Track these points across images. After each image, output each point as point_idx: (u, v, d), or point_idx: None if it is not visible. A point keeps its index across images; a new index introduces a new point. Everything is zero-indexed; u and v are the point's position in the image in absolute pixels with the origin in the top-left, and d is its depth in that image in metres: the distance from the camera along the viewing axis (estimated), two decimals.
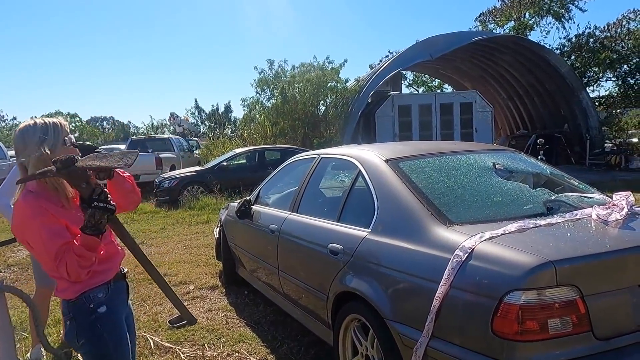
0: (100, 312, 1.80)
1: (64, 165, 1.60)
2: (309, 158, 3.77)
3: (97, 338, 1.79)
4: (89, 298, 1.78)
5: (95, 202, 1.61)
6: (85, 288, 1.77)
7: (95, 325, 1.79)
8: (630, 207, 2.34)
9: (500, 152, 3.22)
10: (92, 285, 1.79)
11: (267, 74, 17.72)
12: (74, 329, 1.79)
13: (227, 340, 3.65)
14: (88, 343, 1.79)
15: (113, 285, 1.87)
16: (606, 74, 25.42)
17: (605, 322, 1.88)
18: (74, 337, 1.80)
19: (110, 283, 1.86)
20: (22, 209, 1.69)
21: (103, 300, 1.81)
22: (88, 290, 1.78)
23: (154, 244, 7.41)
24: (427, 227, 2.27)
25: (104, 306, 1.81)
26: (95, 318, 1.79)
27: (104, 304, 1.81)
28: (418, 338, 2.09)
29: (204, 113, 34.75)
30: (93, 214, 1.61)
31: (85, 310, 1.78)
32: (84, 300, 1.78)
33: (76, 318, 1.79)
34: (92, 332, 1.79)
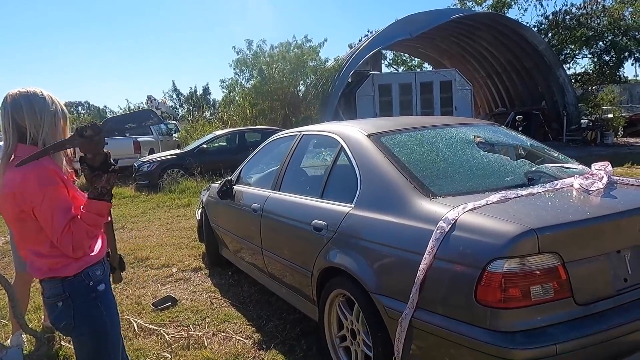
0: (100, 289, 1.75)
1: (95, 131, 1.59)
2: (291, 136, 3.73)
3: (97, 317, 1.74)
4: (88, 275, 1.72)
5: (112, 165, 1.64)
6: (87, 264, 1.72)
7: (96, 303, 1.74)
8: (609, 176, 2.38)
9: (481, 125, 3.23)
10: (92, 261, 1.74)
11: (245, 54, 17.44)
12: (70, 309, 1.71)
13: (212, 320, 3.64)
14: (86, 323, 1.73)
15: (105, 263, 1.84)
16: (582, 51, 25.77)
17: (585, 287, 1.92)
18: (70, 318, 1.72)
19: (104, 260, 1.83)
20: (34, 174, 1.59)
21: (102, 278, 1.77)
22: (87, 267, 1.72)
23: (134, 227, 7.31)
24: (410, 200, 2.27)
25: (102, 284, 1.77)
26: (95, 296, 1.74)
27: (102, 282, 1.77)
28: (403, 310, 2.10)
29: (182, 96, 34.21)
30: (109, 178, 1.63)
31: (85, 288, 1.72)
32: (82, 277, 1.71)
33: (74, 297, 1.71)
34: (93, 311, 1.74)
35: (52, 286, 1.73)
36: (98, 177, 1.64)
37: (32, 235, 1.67)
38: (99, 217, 1.66)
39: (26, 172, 1.60)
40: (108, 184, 1.64)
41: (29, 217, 1.63)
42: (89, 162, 1.65)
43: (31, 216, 1.63)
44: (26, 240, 1.72)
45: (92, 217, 1.64)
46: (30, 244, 1.71)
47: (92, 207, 1.65)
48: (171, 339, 3.32)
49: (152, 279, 4.72)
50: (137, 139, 13.90)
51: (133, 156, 13.04)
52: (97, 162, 1.64)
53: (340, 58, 18.33)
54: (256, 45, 17.47)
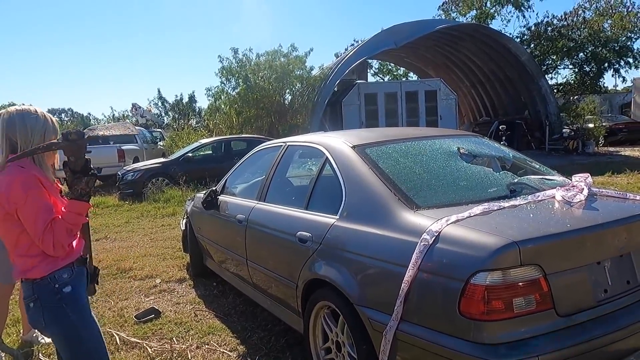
0: (66, 291, 1.85)
1: (79, 136, 1.80)
2: (276, 146, 3.72)
3: (63, 318, 1.84)
4: (54, 278, 1.84)
5: (91, 170, 1.83)
6: (53, 268, 1.84)
7: (60, 304, 1.84)
8: (589, 188, 2.42)
9: (464, 137, 3.27)
10: (59, 265, 1.86)
11: (231, 62, 17.41)
12: (40, 309, 1.84)
13: (196, 332, 3.59)
14: (54, 323, 1.85)
15: (76, 267, 1.93)
16: (563, 62, 26.28)
17: (566, 299, 1.94)
18: (40, 317, 1.84)
19: (74, 265, 1.92)
20: (20, 179, 1.76)
21: (68, 281, 1.87)
22: (54, 271, 1.84)
23: (117, 237, 7.21)
24: (394, 212, 2.28)
25: (69, 286, 1.86)
26: (60, 298, 1.84)
27: (69, 284, 1.86)
28: (387, 322, 2.10)
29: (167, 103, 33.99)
30: (88, 181, 1.81)
31: (51, 290, 1.83)
32: (49, 280, 1.83)
33: (41, 298, 1.83)
34: (58, 312, 1.84)
35: (26, 287, 1.88)
36: (79, 180, 1.81)
37: (14, 237, 1.82)
38: (78, 216, 1.81)
39: (13, 177, 1.77)
40: (87, 186, 1.81)
41: (12, 218, 1.77)
42: (71, 166, 1.82)
43: (14, 218, 1.77)
44: (10, 244, 1.86)
45: (72, 216, 1.79)
46: (13, 246, 1.85)
47: (72, 207, 1.80)
48: (154, 352, 3.27)
49: (136, 291, 4.65)
50: (121, 147, 13.75)
51: (117, 165, 12.90)
52: (79, 166, 1.82)
53: (326, 67, 18.41)
54: (242, 53, 17.48)
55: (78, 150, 1.81)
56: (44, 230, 1.73)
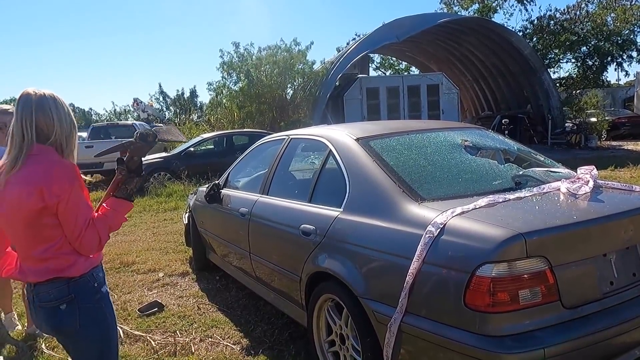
0: (104, 291, 1.77)
1: (154, 138, 1.82)
2: (279, 139, 3.71)
3: (102, 320, 1.75)
4: (93, 277, 1.73)
5: (142, 171, 1.83)
6: (92, 265, 1.73)
7: (100, 305, 1.74)
8: (594, 180, 2.40)
9: (468, 129, 3.25)
10: (96, 262, 1.76)
11: (232, 57, 17.37)
12: (76, 310, 1.68)
13: (199, 325, 3.60)
14: (93, 325, 1.72)
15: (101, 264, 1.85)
16: (566, 56, 26.16)
17: (572, 291, 1.93)
18: (75, 319, 1.69)
19: (100, 263, 1.84)
20: (69, 169, 1.63)
21: (103, 280, 1.79)
22: (92, 268, 1.73)
23: (120, 232, 7.20)
24: (399, 204, 2.27)
25: (105, 285, 1.79)
26: (99, 297, 1.74)
27: (104, 284, 1.79)
28: (392, 314, 2.09)
29: (168, 98, 33.89)
30: (138, 181, 1.80)
31: (91, 290, 1.72)
32: (88, 278, 1.71)
33: (79, 298, 1.69)
34: (98, 313, 1.74)
35: (54, 288, 1.68)
36: (130, 180, 1.79)
37: (40, 236, 1.63)
38: (122, 215, 1.77)
39: (52, 167, 1.61)
40: (136, 187, 1.81)
41: (49, 214, 1.60)
42: (128, 164, 1.80)
43: (51, 213, 1.60)
44: (32, 243, 1.65)
45: (117, 214, 1.75)
46: (36, 246, 1.65)
47: (118, 205, 1.76)
48: (157, 345, 3.27)
49: (138, 284, 4.66)
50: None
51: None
52: (134, 165, 1.81)
53: (327, 61, 18.36)
54: (243, 48, 17.44)
55: (145, 151, 1.84)
56: (86, 228, 1.63)
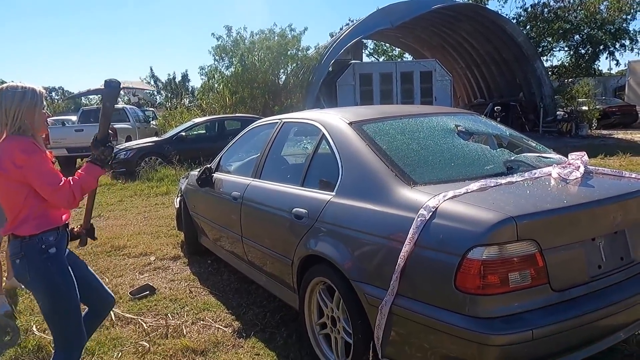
0: (51, 252, 2.05)
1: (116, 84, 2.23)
2: (272, 123, 3.69)
3: (48, 276, 2.05)
4: (41, 239, 2.04)
5: (109, 142, 2.15)
6: (41, 229, 2.03)
7: (46, 264, 2.04)
8: (585, 166, 2.42)
9: (461, 114, 3.25)
10: (47, 227, 2.05)
11: (225, 41, 17.18)
12: (26, 266, 2.04)
13: (191, 309, 3.61)
14: (39, 280, 2.05)
15: (62, 231, 2.13)
16: (559, 44, 26.21)
17: (561, 274, 1.96)
18: (26, 273, 2.05)
19: (59, 229, 2.11)
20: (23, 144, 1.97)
21: (53, 243, 2.07)
22: (42, 233, 2.03)
23: (111, 216, 7.19)
24: (391, 188, 2.28)
25: (54, 248, 2.06)
26: (46, 257, 2.04)
27: (54, 246, 2.06)
28: (383, 297, 2.11)
29: (160, 82, 33.53)
30: (104, 150, 2.13)
31: (38, 250, 2.03)
32: (36, 240, 2.03)
33: (27, 256, 2.03)
34: (44, 270, 2.04)
35: (13, 245, 2.06)
36: (96, 148, 2.13)
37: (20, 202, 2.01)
38: (91, 177, 2.10)
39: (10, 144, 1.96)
40: (102, 154, 2.13)
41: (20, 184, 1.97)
42: (97, 135, 2.16)
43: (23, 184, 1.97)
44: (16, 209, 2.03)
45: (85, 177, 2.08)
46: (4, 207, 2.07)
47: (87, 169, 2.10)
48: (149, 327, 3.28)
49: (130, 268, 4.65)
50: (113, 125, 13.58)
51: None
52: (100, 136, 2.16)
53: (321, 46, 18.22)
54: (236, 32, 17.25)
55: (114, 97, 2.26)
56: (55, 188, 1.98)
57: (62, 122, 15.17)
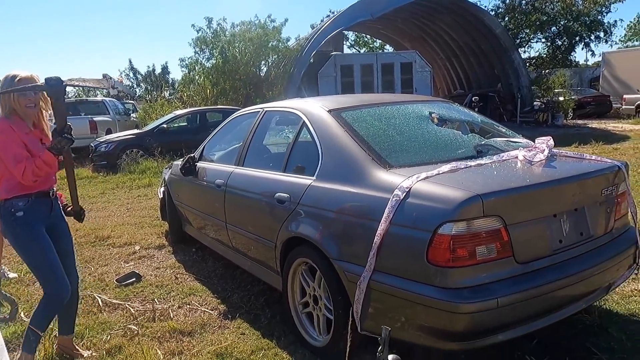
0: (18, 215, 2.44)
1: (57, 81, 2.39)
2: (253, 112, 3.78)
3: (17, 234, 2.48)
4: (11, 204, 2.44)
5: (65, 133, 2.38)
6: (11, 194, 2.43)
7: (14, 225, 2.45)
8: (550, 149, 2.58)
9: (436, 102, 3.39)
10: (16, 194, 2.43)
11: (205, 33, 17.08)
12: (3, 224, 2.49)
13: (177, 294, 3.70)
14: (10, 237, 2.51)
15: (34, 198, 2.47)
16: (537, 35, 26.66)
17: (525, 248, 2.12)
18: (3, 230, 2.52)
19: (31, 196, 2.46)
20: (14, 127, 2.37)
21: (21, 208, 2.44)
22: (12, 198, 2.43)
23: (94, 208, 7.19)
24: (368, 171, 2.40)
25: (21, 212, 2.44)
26: (14, 220, 2.44)
27: (21, 211, 2.44)
28: (361, 273, 2.24)
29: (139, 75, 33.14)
30: (60, 140, 2.38)
31: (8, 212, 2.45)
32: (7, 204, 2.45)
33: (2, 216, 2.47)
34: (13, 229, 2.47)
35: None
36: (54, 137, 2.42)
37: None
38: (44, 162, 2.38)
39: None
40: (58, 143, 2.39)
41: None
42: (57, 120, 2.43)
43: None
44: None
45: (39, 161, 2.36)
46: None
47: (43, 154, 2.39)
48: (137, 312, 3.37)
49: (115, 257, 4.71)
50: (93, 118, 13.48)
51: (89, 136, 12.67)
52: (58, 127, 2.41)
53: (302, 38, 18.25)
54: (216, 23, 17.16)
55: (56, 93, 2.41)
56: (15, 164, 2.32)
57: None
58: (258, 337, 2.95)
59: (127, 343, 2.91)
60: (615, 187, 2.50)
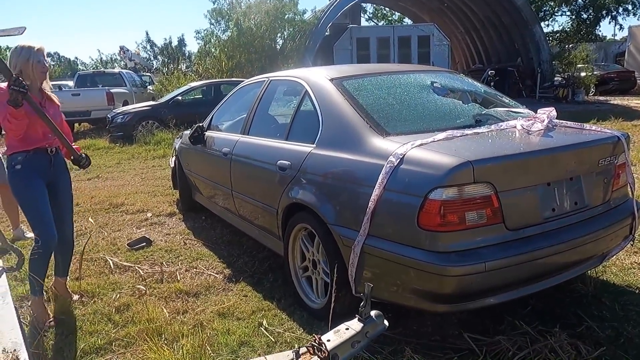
0: (17, 168, 2.78)
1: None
2: (259, 82, 3.82)
3: (15, 184, 2.81)
4: (12, 158, 2.79)
5: (12, 86, 2.49)
6: (12, 151, 2.79)
7: (14, 175, 2.80)
8: (550, 120, 2.57)
9: (439, 72, 3.38)
10: (15, 150, 2.78)
11: (221, 4, 16.99)
12: (8, 175, 2.82)
13: (185, 258, 3.83)
14: (11, 185, 2.83)
15: (32, 154, 2.78)
16: (561, 8, 25.83)
17: (515, 215, 2.15)
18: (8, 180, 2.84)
19: (29, 152, 2.77)
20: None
21: (20, 162, 2.77)
22: (13, 154, 2.78)
23: (109, 177, 7.38)
24: (365, 139, 2.44)
25: (19, 165, 2.77)
26: (13, 171, 2.79)
27: (20, 164, 2.77)
28: (356, 238, 2.31)
29: (156, 47, 33.18)
30: (12, 92, 2.50)
31: (10, 165, 2.80)
32: (10, 160, 2.80)
33: (8, 167, 2.81)
34: (13, 179, 2.80)
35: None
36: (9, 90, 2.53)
37: None
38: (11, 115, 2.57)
39: None
40: (12, 95, 2.51)
41: None
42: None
43: None
44: None
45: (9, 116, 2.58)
46: None
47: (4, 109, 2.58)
48: (145, 274, 3.51)
49: (127, 223, 4.86)
50: (110, 90, 13.63)
51: (106, 108, 12.85)
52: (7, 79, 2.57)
53: (318, 10, 18.01)
54: None
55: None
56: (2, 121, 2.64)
57: (58, 87, 15.17)
58: (259, 299, 3.06)
59: (135, 301, 3.05)
60: (614, 158, 2.49)
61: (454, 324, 2.57)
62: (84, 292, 3.22)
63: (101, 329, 2.76)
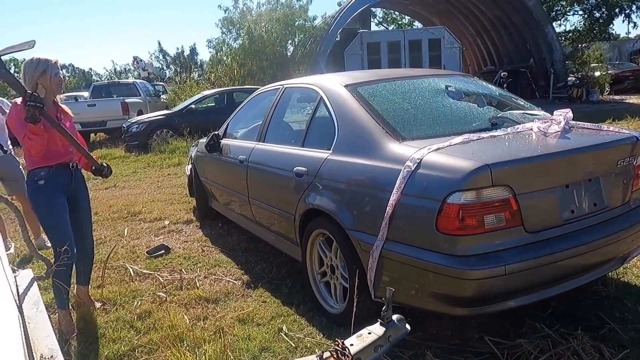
0: (40, 183, 2.78)
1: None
2: (274, 89, 3.86)
3: (36, 199, 2.82)
4: (35, 173, 2.79)
5: (28, 102, 2.49)
6: (34, 166, 2.78)
7: (36, 190, 2.79)
8: (566, 121, 2.57)
9: (453, 76, 3.39)
10: (38, 165, 2.77)
11: (232, 13, 17.18)
12: (29, 190, 2.84)
13: (203, 265, 3.88)
14: (32, 201, 2.85)
15: (55, 169, 2.80)
16: (573, 8, 25.58)
17: (534, 217, 2.14)
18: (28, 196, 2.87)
19: (52, 167, 2.79)
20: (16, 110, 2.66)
21: (43, 177, 2.78)
22: (35, 169, 2.78)
23: (126, 186, 7.48)
24: (382, 144, 2.46)
25: (42, 180, 2.78)
26: (36, 187, 2.79)
27: (43, 179, 2.78)
28: (374, 242, 2.32)
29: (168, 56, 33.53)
30: (28, 109, 2.49)
31: (32, 180, 2.80)
32: (32, 174, 2.81)
33: (28, 183, 2.84)
34: (34, 194, 2.81)
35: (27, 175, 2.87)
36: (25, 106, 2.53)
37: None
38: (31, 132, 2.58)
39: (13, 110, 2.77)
40: (28, 112, 2.50)
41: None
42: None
43: None
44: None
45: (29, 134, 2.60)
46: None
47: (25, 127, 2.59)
48: (165, 281, 3.56)
49: (146, 231, 4.93)
50: (124, 100, 13.84)
51: (122, 117, 13.04)
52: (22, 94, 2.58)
53: (328, 16, 18.09)
54: (242, 3, 17.20)
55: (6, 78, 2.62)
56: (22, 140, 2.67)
57: (74, 98, 15.44)
58: (278, 304, 3.09)
59: (156, 308, 3.10)
60: (633, 158, 2.48)
61: (474, 327, 2.57)
62: (106, 300, 3.28)
63: (124, 336, 2.81)
